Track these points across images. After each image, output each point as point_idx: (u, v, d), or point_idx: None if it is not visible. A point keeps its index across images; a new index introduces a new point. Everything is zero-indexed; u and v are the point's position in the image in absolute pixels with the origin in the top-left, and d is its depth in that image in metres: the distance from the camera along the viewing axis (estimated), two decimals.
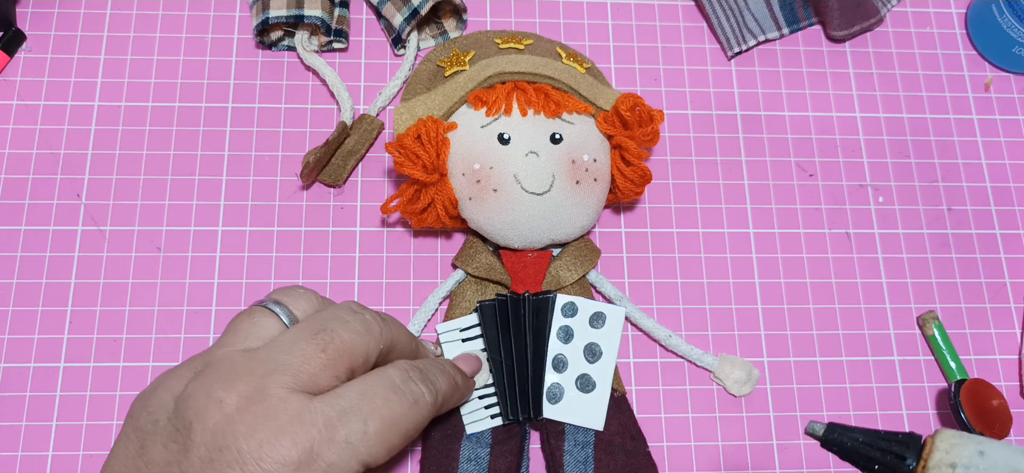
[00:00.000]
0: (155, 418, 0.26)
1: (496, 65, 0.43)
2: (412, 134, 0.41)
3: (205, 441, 0.25)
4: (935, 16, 0.53)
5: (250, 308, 0.30)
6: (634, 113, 0.42)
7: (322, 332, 0.28)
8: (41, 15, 0.48)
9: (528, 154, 0.41)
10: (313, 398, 0.27)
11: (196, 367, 0.28)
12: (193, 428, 0.25)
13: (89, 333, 0.42)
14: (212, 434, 0.25)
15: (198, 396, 0.26)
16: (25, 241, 0.44)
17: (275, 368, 0.27)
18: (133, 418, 0.27)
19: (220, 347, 0.28)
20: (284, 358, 0.27)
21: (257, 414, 0.25)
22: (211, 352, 0.28)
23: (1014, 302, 0.47)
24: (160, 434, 0.26)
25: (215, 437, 0.25)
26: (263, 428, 0.25)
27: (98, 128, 0.46)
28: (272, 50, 0.49)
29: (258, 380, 0.26)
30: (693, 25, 0.51)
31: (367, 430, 0.27)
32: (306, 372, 0.27)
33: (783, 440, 0.43)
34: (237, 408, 0.26)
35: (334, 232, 0.45)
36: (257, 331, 0.29)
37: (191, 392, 0.26)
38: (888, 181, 0.48)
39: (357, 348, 0.29)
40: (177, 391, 0.27)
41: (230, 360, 0.27)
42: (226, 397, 0.26)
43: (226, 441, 0.25)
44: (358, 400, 0.28)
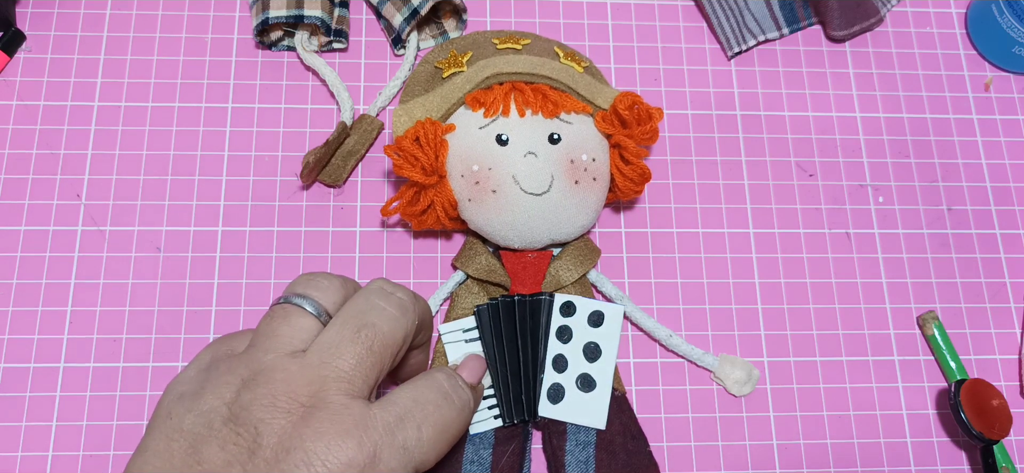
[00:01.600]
0: (208, 421, 0.27)
1: (494, 66, 0.43)
2: (410, 136, 0.41)
3: (271, 444, 0.26)
4: (935, 16, 0.53)
5: (282, 307, 0.30)
6: (632, 112, 0.42)
7: (364, 329, 0.29)
8: (41, 15, 0.48)
9: (526, 155, 0.41)
10: (371, 404, 0.28)
11: (241, 374, 0.28)
12: (260, 432, 0.26)
13: (89, 333, 0.42)
14: (279, 437, 0.26)
15: (261, 403, 0.26)
16: (25, 241, 0.44)
17: (330, 375, 0.28)
18: (173, 419, 0.27)
19: (263, 352, 0.28)
20: (336, 364, 0.28)
21: (322, 419, 0.26)
22: (255, 358, 0.28)
23: (1014, 302, 0.47)
24: (215, 437, 0.26)
25: (282, 440, 0.26)
26: (329, 431, 0.26)
27: (98, 128, 0.46)
28: (272, 50, 0.49)
29: (317, 387, 0.27)
30: (693, 25, 0.51)
31: (421, 436, 0.28)
32: (359, 376, 0.28)
33: (783, 440, 0.43)
34: (301, 416, 0.26)
35: (334, 232, 0.45)
36: (297, 333, 0.29)
37: (253, 399, 0.27)
38: (888, 181, 0.48)
39: (397, 337, 0.30)
40: (228, 398, 0.27)
41: (284, 368, 0.28)
42: (291, 405, 0.26)
43: (293, 443, 0.26)
44: (412, 406, 0.29)
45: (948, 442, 0.44)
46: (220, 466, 0.25)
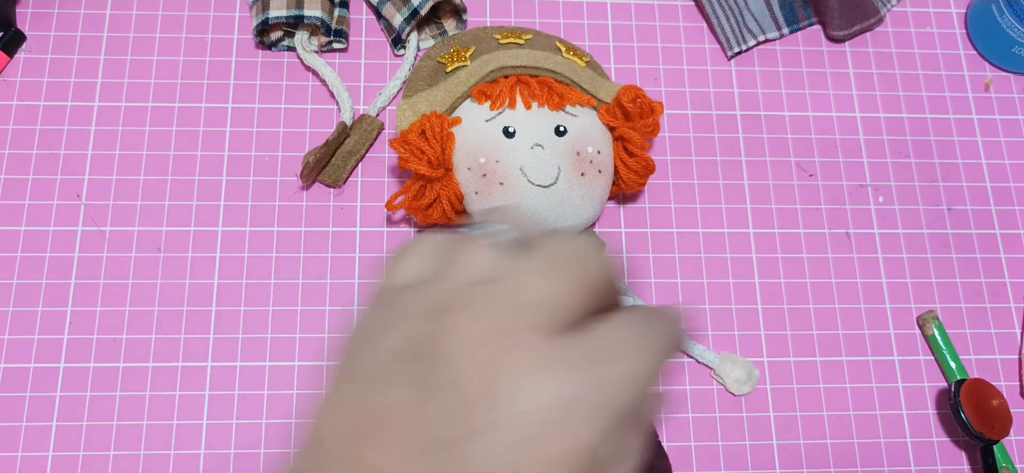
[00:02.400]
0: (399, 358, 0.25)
1: (498, 60, 0.43)
2: (416, 130, 0.41)
3: (473, 376, 0.24)
4: (935, 16, 0.53)
5: (465, 235, 0.28)
6: (636, 104, 0.42)
7: (565, 262, 0.27)
8: (41, 15, 0.48)
9: (533, 147, 0.41)
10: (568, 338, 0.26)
11: (428, 306, 0.26)
12: (459, 365, 0.24)
13: (89, 334, 0.42)
14: (481, 368, 0.24)
15: (448, 331, 0.25)
16: (25, 241, 0.44)
17: (525, 306, 0.26)
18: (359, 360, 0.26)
19: (449, 282, 0.26)
20: (537, 295, 0.26)
21: (523, 352, 0.24)
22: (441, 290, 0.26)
23: (1014, 302, 0.47)
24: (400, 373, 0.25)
25: (486, 372, 0.24)
26: (530, 365, 0.24)
27: (98, 128, 0.46)
28: (272, 50, 0.49)
29: (511, 319, 0.25)
30: (693, 25, 0.51)
31: (623, 373, 0.26)
32: (561, 308, 0.26)
33: (783, 440, 0.43)
34: (498, 348, 0.24)
35: (334, 232, 0.45)
36: (485, 262, 0.27)
37: (440, 326, 0.25)
38: (888, 181, 0.48)
39: (598, 278, 0.28)
40: (415, 334, 0.25)
41: (477, 296, 0.26)
42: (485, 337, 0.25)
43: (499, 378, 0.24)
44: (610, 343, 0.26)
45: (948, 442, 0.44)
46: (415, 401, 0.24)
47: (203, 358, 0.42)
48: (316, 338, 0.43)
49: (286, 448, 0.41)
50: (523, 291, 0.26)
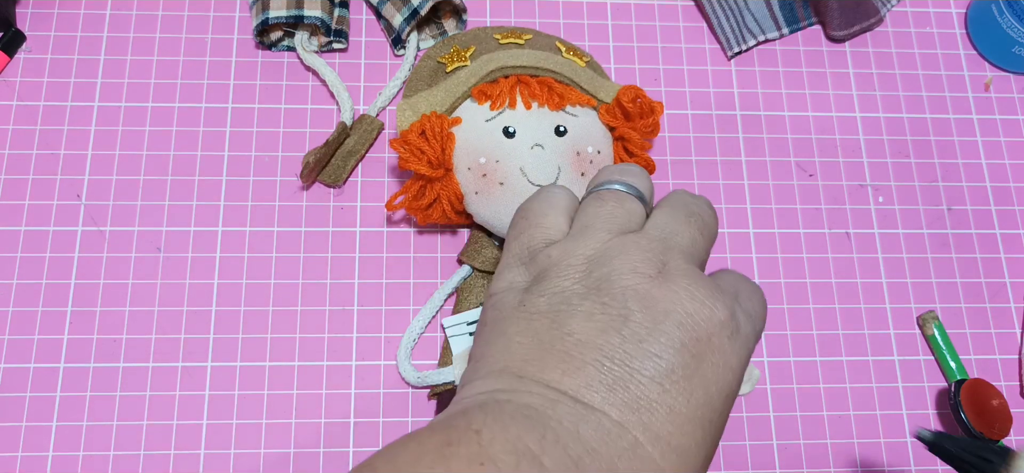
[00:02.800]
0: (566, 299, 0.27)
1: (498, 60, 0.43)
2: (416, 130, 0.41)
3: (642, 307, 0.26)
4: (935, 16, 0.53)
5: (611, 191, 0.30)
6: (636, 105, 0.42)
7: (693, 215, 0.30)
8: (41, 15, 0.48)
9: (533, 147, 0.41)
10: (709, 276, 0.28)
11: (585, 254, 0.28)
12: (627, 298, 0.26)
13: (89, 334, 0.42)
14: (648, 300, 0.26)
15: (620, 272, 0.27)
16: (25, 242, 0.44)
17: (677, 246, 0.28)
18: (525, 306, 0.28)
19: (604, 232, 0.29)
20: (677, 240, 0.29)
21: (685, 284, 0.26)
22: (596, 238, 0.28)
23: (1014, 302, 0.47)
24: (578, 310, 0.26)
25: (653, 303, 0.26)
26: (697, 293, 0.26)
27: (98, 128, 0.46)
28: (272, 50, 0.49)
29: (665, 259, 0.27)
30: (693, 25, 0.51)
31: (754, 306, 0.28)
32: (697, 254, 0.29)
33: (783, 440, 0.43)
34: (662, 278, 0.27)
35: (334, 232, 0.45)
36: (630, 215, 0.30)
37: (610, 272, 0.27)
38: (888, 181, 0.48)
39: (714, 231, 0.31)
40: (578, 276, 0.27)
41: (632, 241, 0.28)
42: (649, 271, 0.27)
43: (668, 305, 0.26)
44: (739, 279, 0.29)
45: None
46: (593, 334, 0.26)
47: (203, 358, 0.42)
48: (316, 338, 0.43)
49: (286, 448, 0.41)
50: (669, 238, 0.28)
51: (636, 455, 0.24)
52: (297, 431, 0.41)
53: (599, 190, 0.31)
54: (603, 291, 0.27)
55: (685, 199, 0.31)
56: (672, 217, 0.29)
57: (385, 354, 0.43)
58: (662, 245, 0.28)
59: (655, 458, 0.24)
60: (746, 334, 0.27)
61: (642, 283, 0.26)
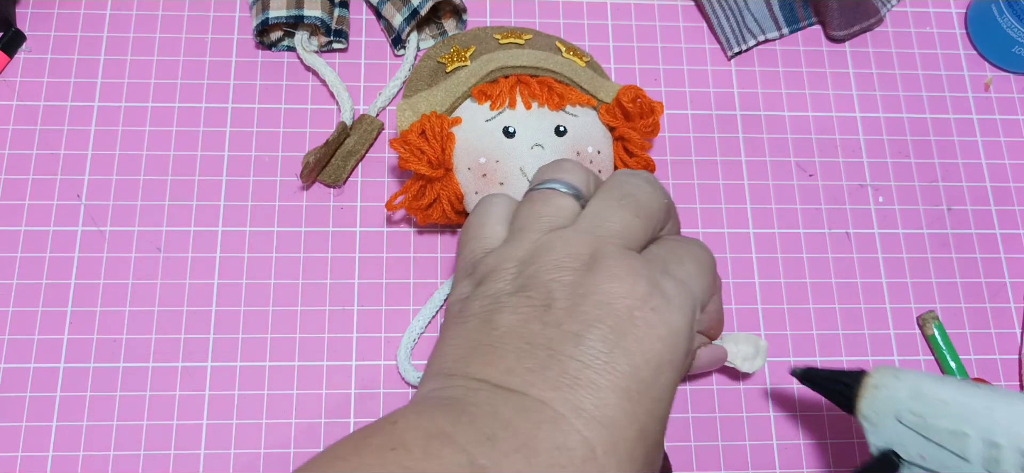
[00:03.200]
0: (496, 298, 0.28)
1: (498, 60, 0.43)
2: (416, 130, 0.41)
3: (565, 294, 0.27)
4: (935, 16, 0.53)
5: (539, 192, 0.31)
6: (636, 104, 0.42)
7: (626, 198, 0.30)
8: (41, 15, 0.48)
9: (533, 147, 0.41)
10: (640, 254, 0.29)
11: (517, 257, 0.29)
12: (551, 289, 0.27)
13: (89, 334, 0.42)
14: (571, 287, 0.27)
15: (546, 268, 0.28)
16: (25, 242, 0.44)
17: (605, 233, 0.29)
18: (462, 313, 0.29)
19: (533, 233, 0.30)
20: (607, 226, 0.29)
21: (610, 266, 0.27)
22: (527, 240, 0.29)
23: (1014, 302, 0.47)
24: (506, 306, 0.27)
25: (575, 288, 0.27)
26: (621, 274, 0.27)
27: (98, 128, 0.46)
28: (272, 50, 0.49)
29: (595, 242, 0.28)
30: (693, 25, 0.51)
31: (689, 270, 0.29)
32: (630, 235, 0.29)
33: (783, 440, 0.43)
34: (587, 266, 0.27)
35: (334, 232, 0.45)
36: (559, 211, 0.31)
37: (537, 269, 0.28)
38: (888, 181, 0.48)
39: (655, 208, 0.31)
40: (510, 277, 0.29)
41: (560, 237, 0.29)
42: (575, 263, 0.28)
43: (589, 289, 0.27)
44: (673, 247, 0.30)
45: None
46: (517, 325, 0.27)
47: (203, 358, 0.42)
48: (316, 338, 0.43)
49: (286, 448, 0.41)
50: (599, 226, 0.29)
51: (558, 428, 0.24)
52: (297, 431, 0.41)
53: (531, 192, 0.32)
54: (529, 287, 0.28)
55: (621, 181, 0.31)
56: (604, 204, 0.30)
57: (385, 354, 0.43)
58: (591, 235, 0.29)
59: (578, 428, 0.24)
60: (678, 301, 0.27)
61: (566, 275, 0.27)
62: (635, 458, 0.25)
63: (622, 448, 0.25)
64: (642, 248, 0.30)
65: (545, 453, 0.23)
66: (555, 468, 0.23)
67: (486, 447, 0.23)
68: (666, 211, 0.32)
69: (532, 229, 0.30)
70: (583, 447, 0.24)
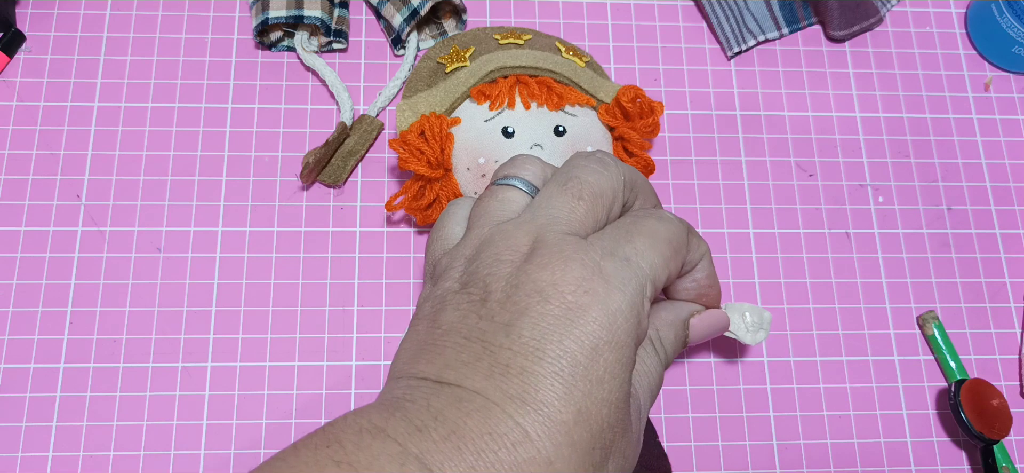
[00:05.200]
0: (442, 297, 0.29)
1: (497, 60, 0.43)
2: (416, 130, 0.41)
3: (500, 286, 0.27)
4: (935, 16, 0.53)
5: (490, 189, 0.32)
6: (635, 104, 0.42)
7: (571, 181, 0.30)
8: (41, 16, 0.48)
9: (533, 146, 0.41)
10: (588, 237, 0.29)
11: (464, 254, 0.30)
12: (487, 284, 0.28)
13: (89, 334, 0.42)
14: (506, 280, 0.27)
15: (486, 263, 0.28)
16: (25, 242, 0.44)
17: (546, 220, 0.29)
18: (418, 309, 0.30)
19: (479, 228, 0.30)
20: (550, 212, 0.29)
21: (543, 254, 0.28)
22: (473, 236, 0.30)
23: (1014, 302, 0.47)
24: (449, 304, 0.28)
25: (510, 280, 0.27)
26: (552, 262, 0.27)
27: (98, 129, 0.46)
28: (272, 50, 0.49)
29: (535, 235, 0.28)
30: (693, 25, 0.51)
31: (637, 246, 0.29)
32: (574, 220, 0.29)
33: (783, 440, 0.43)
34: (524, 257, 0.28)
35: (334, 232, 0.45)
36: (507, 205, 0.31)
37: (478, 265, 0.28)
38: (888, 181, 0.48)
39: (605, 187, 0.31)
40: (457, 276, 0.29)
41: (501, 230, 0.29)
42: (513, 256, 0.28)
43: (521, 280, 0.27)
44: (627, 224, 0.30)
45: (948, 442, 0.44)
46: (457, 321, 0.27)
47: (203, 358, 0.42)
48: (316, 338, 0.43)
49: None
50: (541, 214, 0.29)
51: (489, 414, 0.25)
52: (297, 431, 0.41)
53: (485, 190, 0.32)
54: (470, 283, 0.28)
55: (569, 165, 0.32)
56: (548, 191, 0.30)
57: (385, 354, 0.43)
58: (533, 224, 0.29)
59: (510, 413, 0.25)
60: (619, 281, 0.27)
61: (504, 267, 0.28)
62: (576, 440, 0.25)
63: (559, 431, 0.25)
64: (597, 229, 0.30)
65: (475, 438, 0.24)
66: (487, 452, 0.24)
67: (416, 437, 0.24)
68: (625, 188, 0.32)
69: (480, 226, 0.30)
70: (515, 431, 0.24)
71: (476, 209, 0.31)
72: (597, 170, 0.31)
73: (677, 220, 0.31)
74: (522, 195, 0.31)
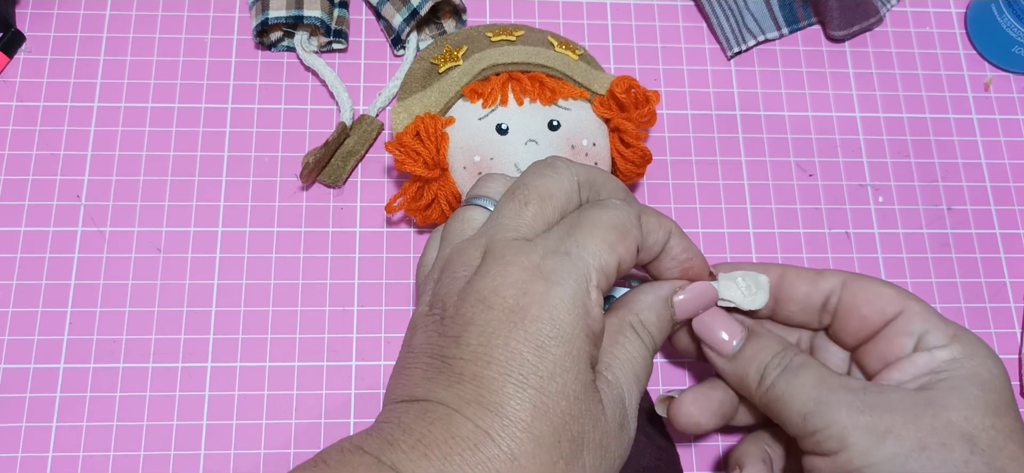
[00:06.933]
0: (415, 320, 0.31)
1: (489, 58, 0.43)
2: (411, 132, 0.41)
3: (453, 302, 0.29)
4: (935, 16, 0.53)
5: (454, 211, 0.34)
6: (630, 95, 0.42)
7: (518, 188, 0.32)
8: (41, 16, 0.48)
9: (527, 142, 0.41)
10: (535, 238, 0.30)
11: (434, 277, 0.31)
12: (445, 300, 0.30)
13: (89, 334, 0.42)
14: (458, 294, 0.29)
15: (446, 283, 0.30)
16: (25, 242, 0.44)
17: (495, 231, 0.30)
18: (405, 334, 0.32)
19: (443, 251, 0.32)
20: (499, 222, 0.31)
21: (487, 263, 0.29)
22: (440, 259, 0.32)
23: (1014, 302, 0.47)
24: (419, 326, 0.30)
25: (460, 294, 0.29)
26: (494, 268, 0.29)
27: (98, 129, 0.46)
28: (271, 51, 0.49)
29: (485, 243, 0.30)
30: (693, 25, 0.51)
31: (579, 238, 0.30)
32: (521, 224, 0.30)
33: None
34: (474, 270, 0.30)
35: (334, 232, 0.45)
36: (467, 223, 0.32)
37: (440, 286, 0.30)
38: (888, 181, 0.48)
39: (553, 189, 0.32)
40: (429, 293, 0.31)
41: (458, 248, 0.31)
42: (467, 271, 0.30)
43: (467, 292, 0.29)
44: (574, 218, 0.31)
45: None
46: (423, 341, 0.30)
47: (203, 359, 0.42)
48: (316, 338, 0.43)
49: (286, 448, 0.41)
50: (491, 226, 0.31)
51: (450, 421, 0.27)
52: (297, 431, 0.41)
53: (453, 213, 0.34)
54: (434, 303, 0.30)
55: (523, 173, 0.33)
56: (501, 203, 0.32)
57: (385, 354, 0.43)
58: (484, 237, 0.30)
59: (468, 417, 0.27)
60: (559, 276, 0.28)
61: (458, 283, 0.29)
62: (537, 434, 0.27)
63: (517, 427, 0.26)
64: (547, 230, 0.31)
65: (439, 444, 0.26)
66: (453, 455, 0.26)
67: (388, 450, 0.26)
68: (581, 188, 0.32)
69: (444, 248, 0.32)
70: (476, 433, 0.26)
71: (443, 232, 0.33)
72: (545, 174, 0.32)
73: (622, 205, 0.32)
74: (480, 212, 0.33)
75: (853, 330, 0.35)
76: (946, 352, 0.33)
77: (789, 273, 0.37)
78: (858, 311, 0.35)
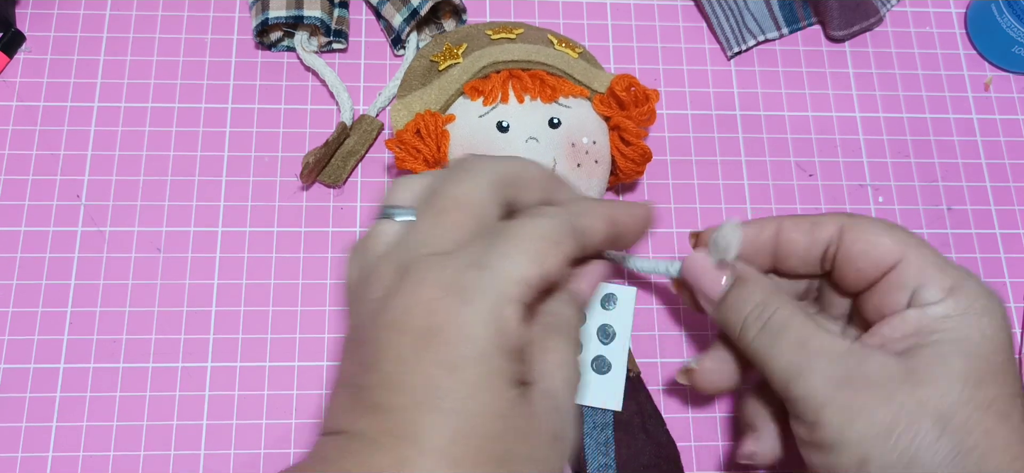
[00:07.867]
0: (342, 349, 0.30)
1: (489, 55, 0.43)
2: (411, 129, 0.41)
3: (366, 328, 0.28)
4: (935, 16, 0.53)
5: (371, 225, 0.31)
6: (630, 93, 0.42)
7: (434, 197, 0.29)
8: (41, 16, 0.48)
9: (528, 140, 0.41)
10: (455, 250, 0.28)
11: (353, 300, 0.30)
12: (359, 327, 0.28)
13: (89, 334, 0.42)
14: (371, 319, 0.27)
15: (360, 305, 0.29)
16: (25, 242, 0.44)
17: (410, 245, 0.29)
18: None
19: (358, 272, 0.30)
20: (416, 236, 0.29)
21: (401, 283, 0.27)
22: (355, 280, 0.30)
23: (1014, 302, 0.47)
24: (344, 354, 0.29)
25: (372, 319, 0.27)
26: (406, 288, 0.27)
27: (98, 129, 0.46)
28: (271, 50, 0.49)
29: (399, 261, 0.28)
30: (693, 25, 0.51)
31: (500, 250, 0.28)
32: (438, 236, 0.28)
33: None
34: (387, 292, 0.28)
35: (334, 232, 0.45)
36: (378, 241, 0.30)
37: (355, 305, 0.29)
38: (888, 181, 0.48)
39: (469, 193, 0.29)
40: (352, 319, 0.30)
41: (372, 268, 0.29)
42: (379, 292, 0.28)
43: (378, 316, 0.27)
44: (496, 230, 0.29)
45: None
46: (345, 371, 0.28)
47: (203, 359, 0.42)
48: (316, 338, 0.43)
49: (285, 448, 0.41)
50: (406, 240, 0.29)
51: (365, 452, 0.26)
52: (297, 431, 0.42)
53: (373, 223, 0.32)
54: (351, 328, 0.29)
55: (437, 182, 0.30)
56: (418, 214, 0.30)
57: None
58: (399, 253, 0.28)
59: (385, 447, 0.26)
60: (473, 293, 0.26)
61: (371, 306, 0.28)
62: (457, 458, 0.26)
63: (435, 454, 0.25)
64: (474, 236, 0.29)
65: None
66: None
67: None
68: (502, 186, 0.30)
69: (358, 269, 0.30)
70: (395, 463, 0.25)
71: (358, 250, 0.31)
72: (460, 177, 0.30)
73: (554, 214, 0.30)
74: (391, 225, 0.30)
75: (850, 281, 0.34)
76: (940, 308, 0.31)
77: (786, 225, 0.35)
78: (854, 263, 0.34)
